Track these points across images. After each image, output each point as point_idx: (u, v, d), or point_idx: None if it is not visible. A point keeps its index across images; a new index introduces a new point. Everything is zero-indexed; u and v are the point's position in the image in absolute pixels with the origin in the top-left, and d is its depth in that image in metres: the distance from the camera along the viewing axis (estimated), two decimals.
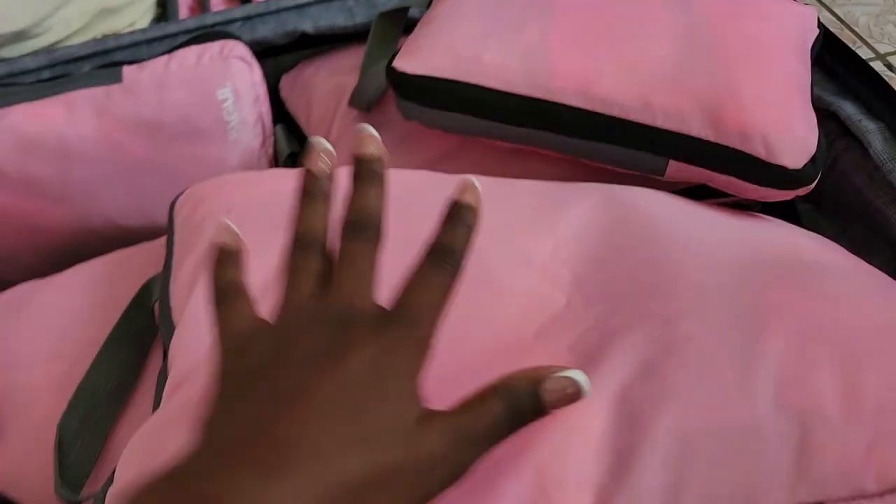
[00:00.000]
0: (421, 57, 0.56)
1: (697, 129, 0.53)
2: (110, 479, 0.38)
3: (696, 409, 0.38)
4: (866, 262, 0.51)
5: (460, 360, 0.41)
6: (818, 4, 1.66)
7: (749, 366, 0.40)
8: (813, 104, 0.57)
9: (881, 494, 0.36)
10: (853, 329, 0.42)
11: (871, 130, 0.59)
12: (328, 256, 0.35)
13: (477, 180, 0.37)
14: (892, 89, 0.60)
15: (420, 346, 0.32)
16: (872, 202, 0.60)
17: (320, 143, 0.36)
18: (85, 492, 0.46)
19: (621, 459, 0.36)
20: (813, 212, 0.67)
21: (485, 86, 0.55)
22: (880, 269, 0.50)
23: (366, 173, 0.35)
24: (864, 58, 0.62)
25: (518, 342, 0.42)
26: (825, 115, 0.63)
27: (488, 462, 0.36)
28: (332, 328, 0.32)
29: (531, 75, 0.54)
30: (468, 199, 0.35)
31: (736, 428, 0.37)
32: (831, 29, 0.65)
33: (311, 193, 0.36)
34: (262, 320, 0.34)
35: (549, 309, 0.44)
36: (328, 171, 0.36)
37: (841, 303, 0.44)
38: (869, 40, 0.97)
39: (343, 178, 0.38)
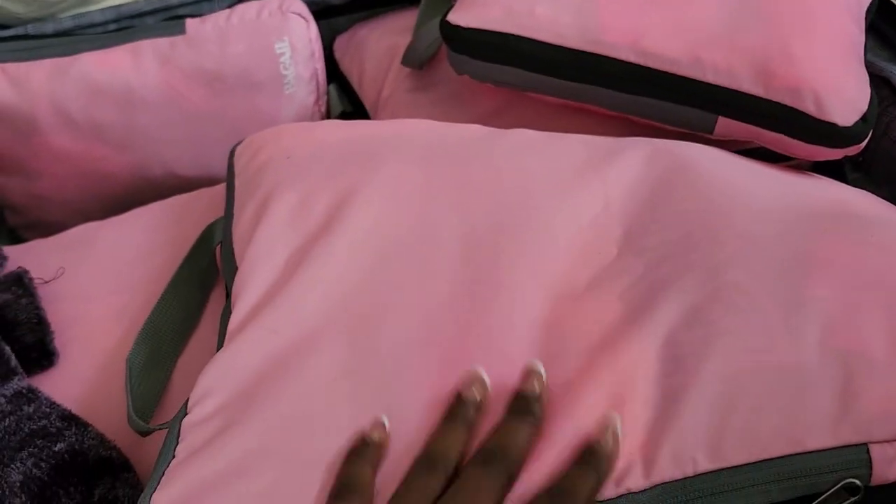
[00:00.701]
0: (474, 10, 0.58)
1: (748, 84, 0.53)
2: (184, 410, 0.40)
3: (741, 351, 0.39)
4: None
5: (517, 307, 0.42)
6: None
7: (795, 311, 0.40)
8: (867, 70, 0.57)
9: None
10: None
11: None
12: (451, 480, 0.35)
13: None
14: None
15: None
16: None
17: (478, 372, 0.37)
18: (153, 422, 0.47)
19: (669, 400, 0.37)
20: (862, 181, 0.67)
21: (536, 39, 0.56)
22: None
23: (521, 409, 0.36)
24: None
25: (571, 292, 0.43)
26: (878, 82, 0.62)
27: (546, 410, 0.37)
28: None
29: (582, 29, 0.55)
30: (603, 445, 0.35)
31: (780, 369, 0.38)
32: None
33: (455, 416, 0.36)
34: None
35: (600, 260, 0.44)
36: (478, 400, 0.37)
37: (890, 253, 0.44)
38: None
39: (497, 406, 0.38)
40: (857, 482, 0.35)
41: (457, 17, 0.58)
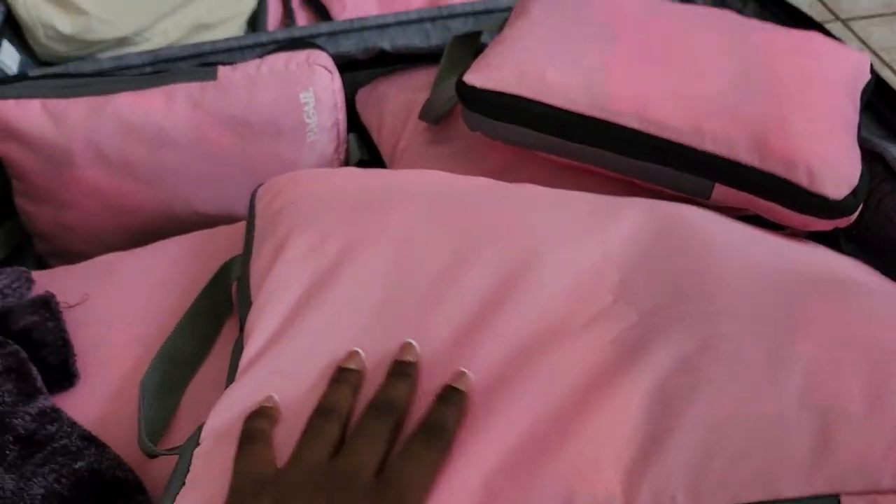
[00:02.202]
0: (489, 72, 0.61)
1: (744, 155, 0.56)
2: (196, 440, 0.42)
3: (726, 399, 0.41)
4: None
5: (510, 341, 0.45)
6: (877, 60, 1.67)
7: (779, 364, 0.42)
8: (861, 146, 0.60)
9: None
10: (884, 342, 0.44)
11: None
12: (346, 429, 0.40)
13: (469, 372, 0.43)
14: None
15: None
16: None
17: (358, 353, 0.44)
18: (161, 445, 0.50)
19: (653, 441, 0.39)
20: (856, 253, 0.69)
21: (547, 102, 0.59)
22: None
23: (400, 372, 0.43)
24: None
25: (564, 331, 0.45)
26: (872, 158, 0.65)
27: (530, 445, 0.40)
28: (328, 490, 0.36)
29: (591, 95, 0.58)
30: (461, 385, 0.41)
31: (761, 418, 0.40)
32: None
33: (340, 380, 0.42)
34: (274, 468, 0.39)
35: (596, 305, 0.47)
36: (359, 369, 0.43)
37: (874, 318, 0.46)
38: None
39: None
40: None
41: (472, 78, 0.61)
